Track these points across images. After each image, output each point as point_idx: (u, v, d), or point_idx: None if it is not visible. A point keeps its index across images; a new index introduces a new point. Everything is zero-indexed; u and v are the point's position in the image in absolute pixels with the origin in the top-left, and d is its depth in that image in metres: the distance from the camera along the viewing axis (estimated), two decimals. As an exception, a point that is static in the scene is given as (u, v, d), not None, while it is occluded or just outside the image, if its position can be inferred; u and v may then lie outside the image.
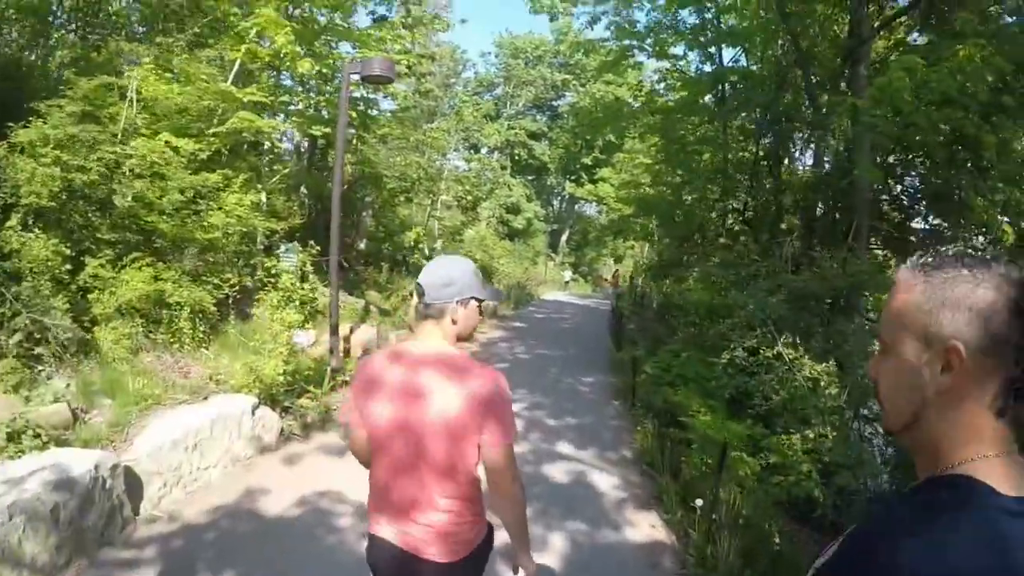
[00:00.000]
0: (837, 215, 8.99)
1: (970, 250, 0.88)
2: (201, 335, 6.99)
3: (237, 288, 7.83)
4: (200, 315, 7.00)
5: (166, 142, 7.22)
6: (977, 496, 0.74)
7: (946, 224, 9.10)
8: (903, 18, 9.50)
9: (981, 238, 8.70)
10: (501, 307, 16.15)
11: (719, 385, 5.68)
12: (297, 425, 5.85)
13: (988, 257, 0.82)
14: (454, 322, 1.79)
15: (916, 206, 9.43)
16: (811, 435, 3.94)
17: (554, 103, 37.25)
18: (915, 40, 9.56)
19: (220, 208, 7.64)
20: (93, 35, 9.55)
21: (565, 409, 7.36)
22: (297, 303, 6.54)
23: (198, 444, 4.56)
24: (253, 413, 5.19)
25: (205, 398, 5.61)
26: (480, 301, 1.85)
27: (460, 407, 1.68)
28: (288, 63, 8.67)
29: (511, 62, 35.10)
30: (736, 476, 4.12)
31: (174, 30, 9.28)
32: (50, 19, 9.36)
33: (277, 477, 4.76)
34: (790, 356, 4.82)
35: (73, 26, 9.79)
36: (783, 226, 10.40)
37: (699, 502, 3.99)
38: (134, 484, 4.08)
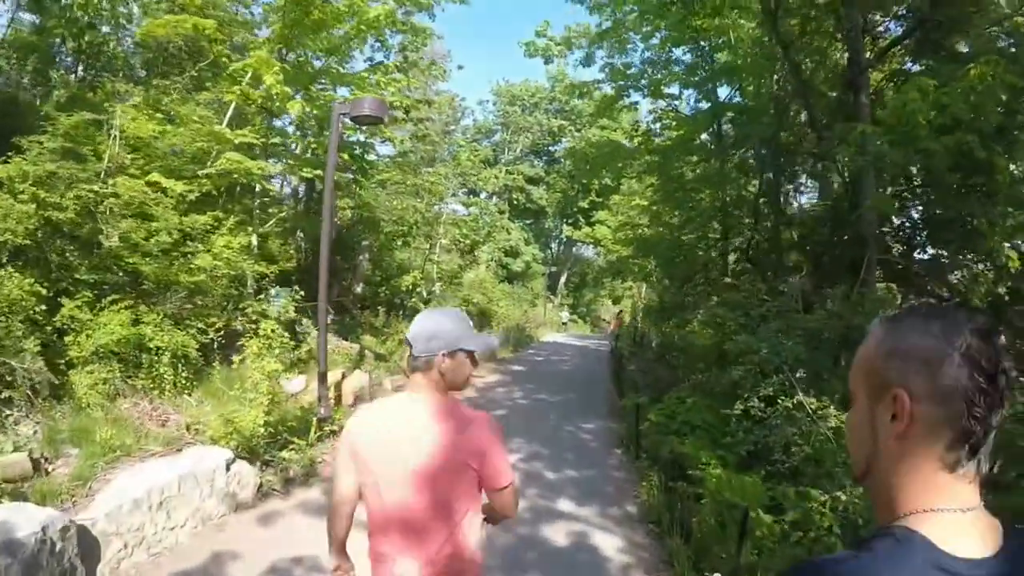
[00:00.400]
0: (838, 251, 8.74)
1: (934, 301, 0.75)
2: (184, 381, 6.68)
3: (223, 332, 7.55)
4: (183, 360, 6.70)
5: (154, 183, 7.05)
6: (909, 546, 0.74)
7: (945, 253, 8.87)
8: (897, 48, 9.50)
9: (982, 265, 8.44)
10: (499, 351, 15.80)
11: (735, 441, 5.27)
12: (278, 480, 5.44)
13: (951, 307, 0.81)
14: (441, 374, 1.80)
15: (919, 235, 9.18)
16: (843, 497, 3.56)
17: (551, 148, 37.71)
18: (910, 68, 9.54)
19: (208, 251, 7.42)
20: (94, 77, 9.59)
21: (565, 460, 6.96)
22: (277, 351, 6.21)
23: (164, 502, 4.18)
24: (228, 468, 4.80)
25: (179, 450, 5.24)
26: (469, 352, 1.84)
27: (454, 453, 1.72)
28: (278, 104, 8.58)
29: (508, 109, 35.65)
30: (754, 538, 3.73)
31: (174, 73, 9.30)
32: (54, 59, 9.43)
33: (250, 539, 4.36)
34: (812, 405, 4.43)
35: (77, 68, 9.86)
36: (789, 263, 10.14)
37: (716, 576, 3.58)
38: (91, 546, 3.74)
